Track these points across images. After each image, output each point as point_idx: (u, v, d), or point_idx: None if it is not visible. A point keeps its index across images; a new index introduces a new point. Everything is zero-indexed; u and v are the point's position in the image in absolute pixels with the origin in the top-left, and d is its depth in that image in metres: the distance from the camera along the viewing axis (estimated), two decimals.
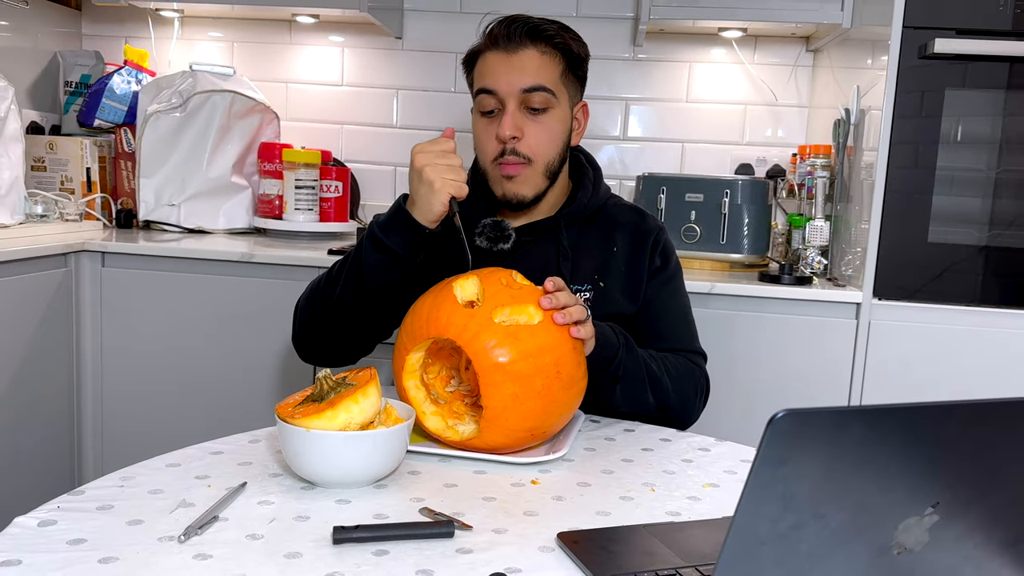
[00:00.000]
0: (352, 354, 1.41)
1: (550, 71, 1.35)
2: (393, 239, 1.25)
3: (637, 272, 1.43)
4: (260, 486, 0.98)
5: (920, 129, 1.85)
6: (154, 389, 2.12)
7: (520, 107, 1.34)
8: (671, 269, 1.46)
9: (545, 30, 1.35)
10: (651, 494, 1.02)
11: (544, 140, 1.36)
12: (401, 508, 0.94)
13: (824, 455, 0.57)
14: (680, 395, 1.34)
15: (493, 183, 1.39)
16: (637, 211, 1.49)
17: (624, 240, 1.44)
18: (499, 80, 1.34)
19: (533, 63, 1.34)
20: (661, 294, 1.44)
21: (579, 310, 1.13)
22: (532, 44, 1.34)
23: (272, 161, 2.43)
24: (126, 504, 0.91)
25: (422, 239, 1.26)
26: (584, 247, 1.43)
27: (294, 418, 0.96)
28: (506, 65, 1.33)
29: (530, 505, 0.96)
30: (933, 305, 1.89)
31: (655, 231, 1.46)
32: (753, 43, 2.53)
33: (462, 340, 1.07)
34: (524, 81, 1.33)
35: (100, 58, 2.63)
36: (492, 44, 1.35)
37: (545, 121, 1.36)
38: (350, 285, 1.30)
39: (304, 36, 2.68)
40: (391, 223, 1.27)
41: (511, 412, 1.06)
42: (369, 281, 1.28)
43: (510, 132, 1.33)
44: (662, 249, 1.46)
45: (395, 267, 1.27)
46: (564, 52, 1.37)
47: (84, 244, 2.09)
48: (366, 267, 1.27)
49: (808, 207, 2.16)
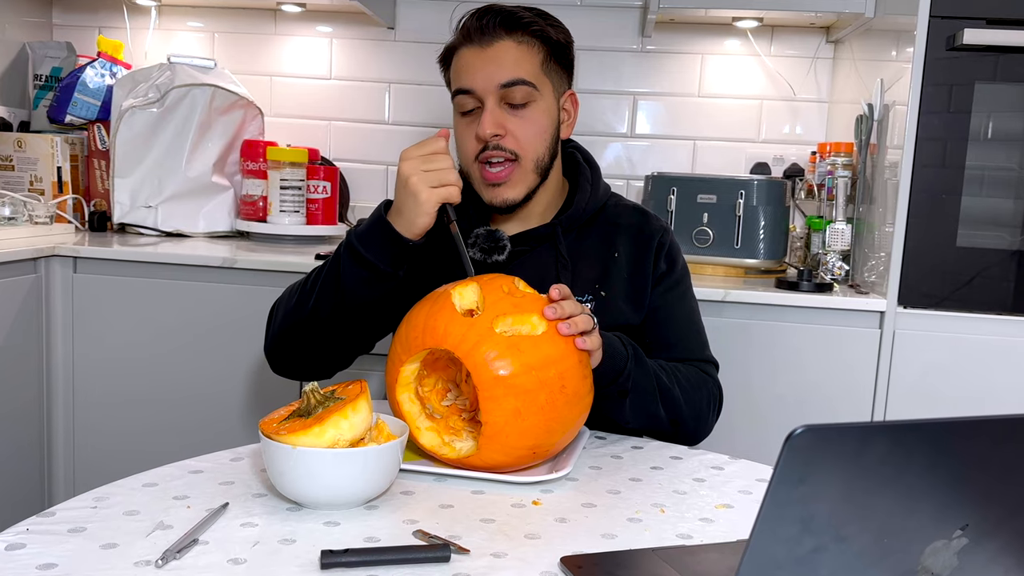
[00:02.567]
0: (328, 368, 1.41)
1: (529, 62, 1.34)
2: (373, 252, 1.24)
3: (641, 278, 1.43)
4: (243, 507, 0.98)
5: (948, 125, 1.86)
6: (130, 403, 2.12)
7: (500, 103, 1.33)
8: (678, 273, 1.46)
9: (520, 18, 1.33)
10: (661, 516, 1.02)
11: (530, 134, 1.35)
12: (394, 530, 0.94)
13: (846, 474, 0.57)
14: (693, 408, 1.35)
15: (478, 186, 1.38)
16: (640, 211, 1.49)
17: (626, 244, 1.44)
18: (475, 77, 1.33)
19: (510, 55, 1.33)
20: (668, 300, 1.44)
21: (585, 320, 1.13)
22: (507, 35, 1.33)
23: (256, 160, 2.43)
24: (100, 526, 0.91)
25: (404, 252, 1.25)
26: (584, 254, 1.43)
27: (279, 434, 0.96)
28: (481, 60, 1.33)
29: (531, 527, 0.96)
30: (962, 314, 1.89)
31: (659, 232, 1.46)
32: (770, 33, 2.54)
33: (460, 351, 1.07)
34: (501, 75, 1.32)
35: (72, 49, 2.64)
36: (465, 39, 1.35)
37: (528, 115, 1.35)
38: (326, 297, 1.29)
39: (290, 26, 2.69)
40: (371, 234, 1.25)
41: (512, 428, 1.06)
42: (347, 295, 1.27)
43: (491, 130, 1.32)
44: (668, 252, 1.45)
45: (375, 282, 1.26)
46: (543, 40, 1.36)
47: (55, 248, 2.09)
48: (344, 280, 1.26)
49: (828, 209, 2.17)
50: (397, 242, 1.23)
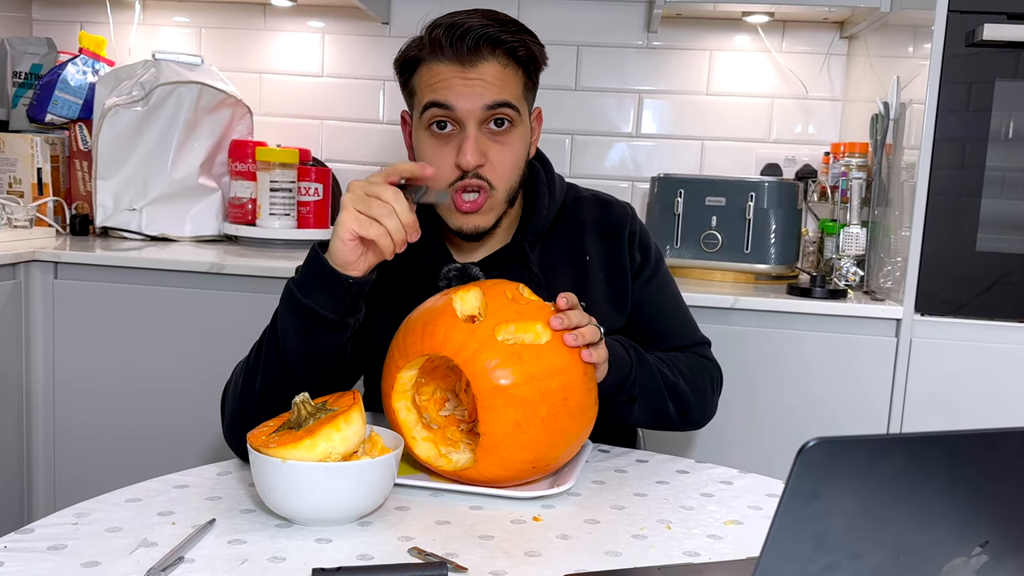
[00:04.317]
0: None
1: (514, 84, 1.31)
2: (312, 295, 1.15)
3: (619, 276, 1.44)
4: (230, 523, 0.98)
5: (967, 125, 1.86)
6: (112, 415, 2.12)
7: (480, 127, 1.29)
8: (653, 261, 1.48)
9: (506, 40, 1.29)
10: (667, 532, 1.02)
11: (509, 164, 1.32)
12: (388, 548, 0.94)
13: (860, 488, 0.57)
14: (699, 396, 1.39)
15: (445, 212, 1.34)
16: (601, 201, 1.49)
17: (595, 242, 1.44)
18: (458, 97, 1.27)
19: (496, 77, 1.29)
20: (650, 292, 1.46)
21: (592, 331, 1.13)
22: (492, 56, 1.29)
23: (244, 161, 2.44)
24: (81, 544, 0.91)
25: (347, 293, 1.15)
26: (555, 264, 1.41)
27: (268, 447, 0.97)
28: (463, 80, 1.28)
29: (532, 544, 0.96)
30: (982, 321, 1.89)
31: (626, 221, 1.46)
32: (781, 29, 2.54)
33: (460, 358, 1.07)
34: (487, 98, 1.28)
35: (52, 45, 2.64)
36: (439, 53, 1.29)
37: (508, 141, 1.31)
38: (271, 367, 1.19)
39: (280, 21, 2.69)
40: (306, 275, 1.17)
41: (511, 441, 1.06)
42: (290, 356, 1.17)
43: (474, 160, 1.28)
44: (640, 241, 1.46)
45: (318, 332, 1.16)
46: (527, 61, 1.32)
47: (35, 253, 2.09)
48: (284, 338, 1.17)
49: (842, 212, 2.17)
50: (337, 281, 1.15)
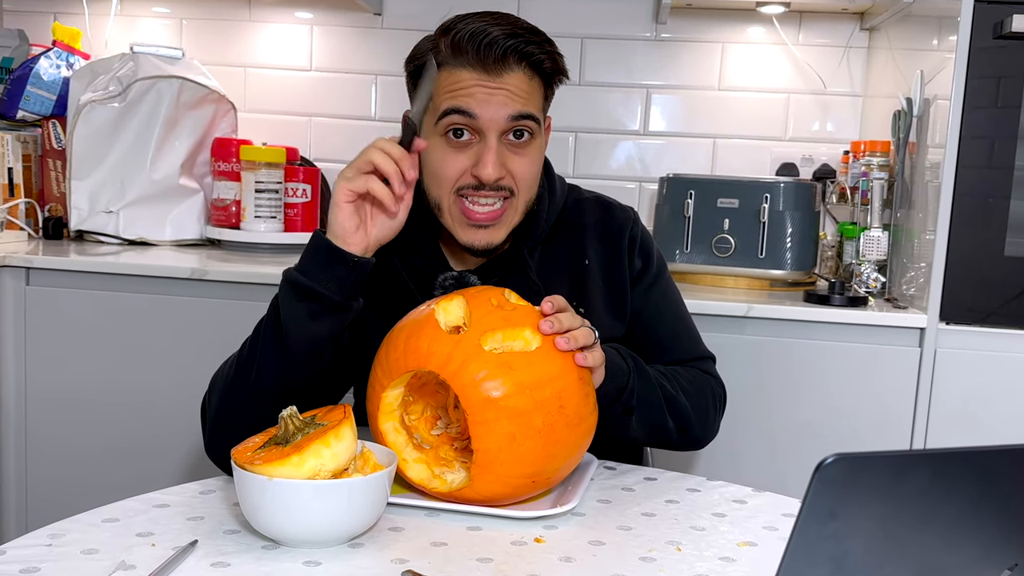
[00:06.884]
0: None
1: (537, 96, 1.33)
2: (316, 277, 1.19)
3: (618, 282, 1.44)
4: (213, 545, 0.98)
5: (995, 121, 1.86)
6: (87, 429, 2.12)
7: (501, 138, 1.31)
8: (655, 266, 1.48)
9: (532, 53, 1.30)
10: (677, 554, 1.02)
11: (528, 176, 1.34)
12: (381, 571, 0.94)
13: (882, 507, 0.57)
14: (700, 413, 1.38)
15: (453, 223, 1.34)
16: (602, 203, 1.50)
17: (595, 246, 1.45)
18: (481, 106, 1.29)
19: (521, 88, 1.30)
20: (651, 299, 1.46)
21: (585, 333, 1.13)
22: (518, 67, 1.30)
23: (228, 160, 2.44)
24: (55, 566, 0.91)
25: (350, 274, 1.19)
26: (553, 269, 1.42)
27: (254, 464, 0.97)
28: (486, 89, 1.29)
29: (533, 567, 0.96)
30: (1010, 330, 1.89)
31: (627, 225, 1.47)
32: (798, 20, 2.55)
33: (446, 372, 1.07)
34: (511, 109, 1.29)
35: (24, 38, 2.65)
36: (461, 58, 1.30)
37: (527, 153, 1.33)
38: (268, 358, 1.22)
39: (266, 12, 2.70)
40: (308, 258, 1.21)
41: (507, 455, 1.06)
42: (292, 343, 1.20)
43: (495, 173, 1.29)
44: (641, 246, 1.47)
45: (322, 313, 1.19)
46: (552, 75, 1.35)
47: (5, 258, 2.09)
48: (286, 325, 1.20)
49: (862, 215, 2.17)
50: (339, 258, 1.19)
